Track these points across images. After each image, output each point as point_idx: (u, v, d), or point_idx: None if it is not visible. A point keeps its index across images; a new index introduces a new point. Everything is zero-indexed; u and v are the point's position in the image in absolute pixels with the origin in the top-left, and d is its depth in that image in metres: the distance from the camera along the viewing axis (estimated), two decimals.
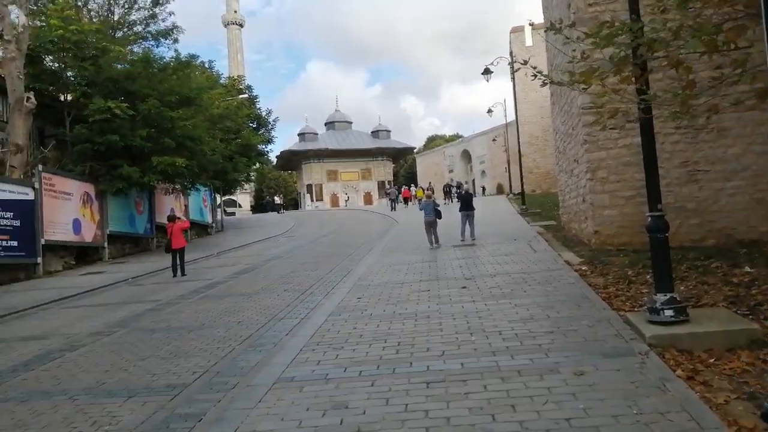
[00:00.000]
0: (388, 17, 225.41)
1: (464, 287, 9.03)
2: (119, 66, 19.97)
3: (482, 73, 27.90)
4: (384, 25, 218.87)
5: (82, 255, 19.23)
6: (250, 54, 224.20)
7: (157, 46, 23.62)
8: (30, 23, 18.50)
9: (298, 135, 72.34)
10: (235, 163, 31.89)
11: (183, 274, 14.30)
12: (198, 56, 23.89)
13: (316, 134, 72.68)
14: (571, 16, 13.45)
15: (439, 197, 29.59)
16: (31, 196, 16.00)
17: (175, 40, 23.56)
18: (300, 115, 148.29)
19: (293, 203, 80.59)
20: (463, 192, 18.57)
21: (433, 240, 15.54)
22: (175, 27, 23.15)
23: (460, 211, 16.68)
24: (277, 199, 60.10)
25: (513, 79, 31.64)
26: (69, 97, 19.98)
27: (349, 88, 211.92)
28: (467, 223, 16.21)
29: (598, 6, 13.03)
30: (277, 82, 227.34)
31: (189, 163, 20.72)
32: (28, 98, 16.33)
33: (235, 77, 38.62)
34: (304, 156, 69.64)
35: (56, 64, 19.55)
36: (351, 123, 78.60)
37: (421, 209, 16.27)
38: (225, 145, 30.66)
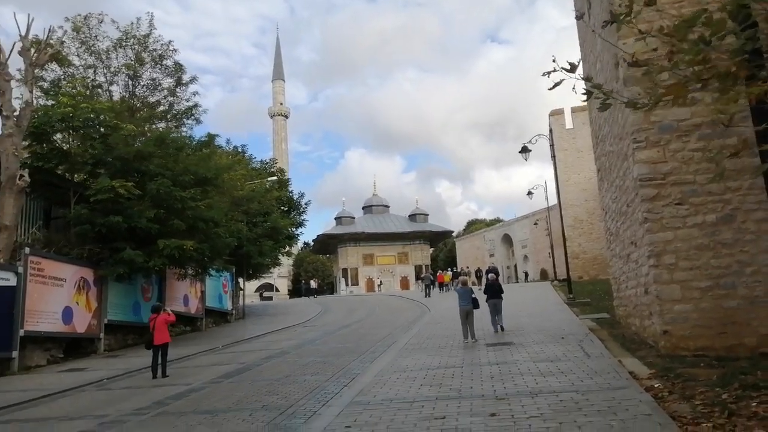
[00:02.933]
0: (419, 106, 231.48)
1: (493, 414, 6.57)
2: (134, 145, 18.92)
3: (520, 152, 26.12)
4: (416, 113, 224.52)
5: (74, 347, 17.39)
6: (295, 145, 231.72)
7: (177, 127, 22.81)
8: (39, 101, 17.87)
9: (335, 219, 71.58)
10: (261, 247, 30.37)
11: (164, 375, 12.14)
12: (218, 135, 23.02)
13: (353, 218, 71.75)
14: (621, 76, 11.53)
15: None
16: (12, 281, 14.45)
17: (197, 120, 22.80)
18: (338, 200, 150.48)
19: (330, 287, 78.60)
20: (489, 279, 16.20)
21: (469, 333, 13.29)
22: (196, 105, 22.46)
23: (487, 301, 14.76)
24: (313, 284, 58.15)
25: (554, 159, 29.69)
26: (78, 177, 18.96)
27: (385, 175, 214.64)
28: (495, 313, 14.69)
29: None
30: (318, 170, 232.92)
31: (200, 246, 19.08)
32: (21, 176, 15.23)
33: (269, 160, 38.16)
34: (340, 239, 68.37)
35: (66, 144, 18.70)
36: (388, 207, 77.66)
37: (457, 296, 14.09)
38: (249, 228, 29.30)
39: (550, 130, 29.73)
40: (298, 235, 38.92)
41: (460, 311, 13.71)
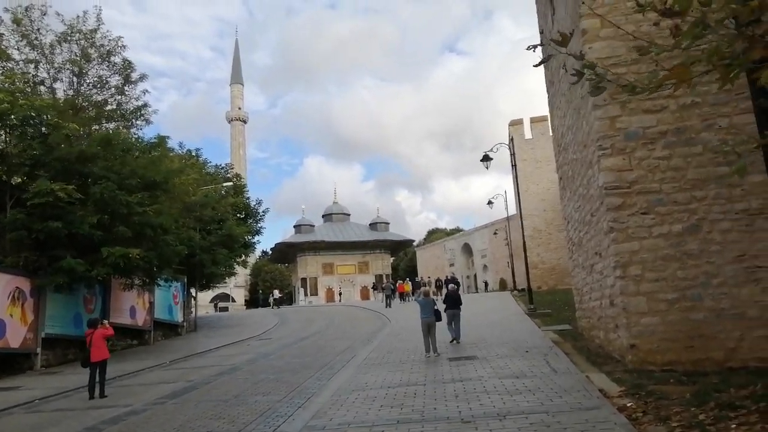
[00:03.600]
0: (377, 114, 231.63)
1: None
2: (77, 146, 17.70)
3: (481, 160, 25.85)
4: (373, 121, 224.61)
5: (7, 363, 16.06)
6: (254, 151, 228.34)
7: (127, 128, 21.53)
8: None
9: (294, 227, 70.44)
10: (215, 255, 29.18)
11: (102, 395, 11.16)
12: (168, 137, 21.91)
13: (313, 226, 70.72)
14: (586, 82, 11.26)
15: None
16: None
17: (147, 121, 21.54)
18: (297, 208, 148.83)
19: (288, 298, 77.09)
20: (449, 290, 15.95)
21: (431, 347, 12.72)
22: (145, 105, 21.18)
23: (445, 311, 14.43)
24: (277, 293, 56.80)
25: (514, 168, 29.64)
26: (15, 180, 17.63)
27: (345, 183, 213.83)
28: (452, 322, 14.45)
29: (619, 68, 10.78)
30: (277, 177, 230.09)
31: (147, 254, 17.99)
32: None
33: (224, 165, 36.98)
34: (299, 248, 67.24)
35: (1, 143, 17.36)
36: (349, 215, 76.95)
37: (419, 307, 13.57)
38: (203, 236, 28.15)
39: (511, 140, 29.71)
40: (254, 243, 37.84)
41: (422, 323, 13.16)
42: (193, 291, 31.27)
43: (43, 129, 17.11)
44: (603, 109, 10.59)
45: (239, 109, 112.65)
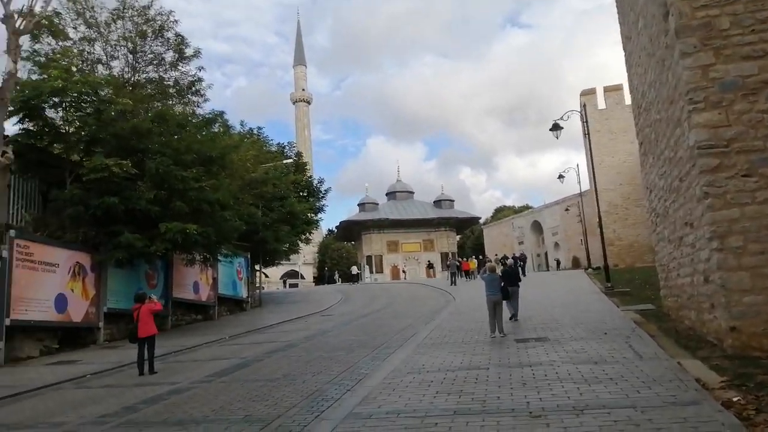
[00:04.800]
0: (437, 91, 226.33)
1: None
2: (131, 121, 17.60)
3: (551, 129, 24.15)
4: (434, 99, 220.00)
5: (71, 337, 16.30)
6: (318, 133, 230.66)
7: (184, 105, 21.31)
8: (34, 76, 16.64)
9: (358, 205, 70.20)
10: (277, 232, 29.03)
11: (151, 372, 10.83)
12: (224, 112, 21.55)
13: (377, 204, 70.19)
14: (671, 27, 9.69)
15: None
16: None
17: (202, 96, 21.21)
18: (361, 188, 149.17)
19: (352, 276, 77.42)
20: (507, 266, 14.90)
21: (497, 327, 11.67)
22: (199, 80, 20.83)
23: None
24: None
25: (587, 136, 27.63)
26: (74, 157, 17.76)
27: (407, 162, 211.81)
28: (510, 299, 13.56)
29: (711, 9, 9.16)
30: (340, 158, 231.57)
31: (205, 230, 17.76)
32: (5, 152, 14.03)
33: (286, 143, 36.81)
34: (364, 226, 66.97)
35: (60, 120, 17.47)
36: (412, 193, 75.87)
37: (483, 285, 12.57)
38: (265, 213, 27.99)
39: (583, 107, 27.60)
40: (317, 220, 37.55)
41: (488, 301, 12.15)
42: (257, 267, 31.33)
43: (97, 105, 17.02)
44: (693, 57, 9.03)
45: (303, 90, 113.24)
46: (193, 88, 20.95)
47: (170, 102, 20.45)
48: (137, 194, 16.64)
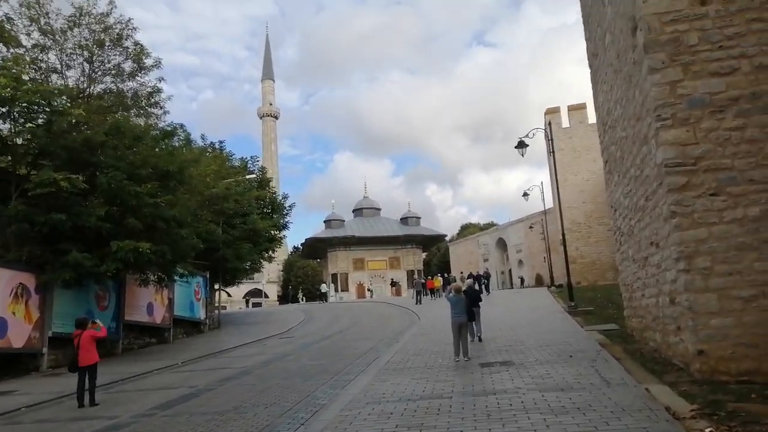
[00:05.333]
0: (404, 108, 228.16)
1: None
2: (84, 134, 16.76)
3: (516, 147, 24.13)
4: (401, 115, 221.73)
5: (10, 364, 15.23)
6: (286, 149, 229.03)
7: (144, 117, 20.50)
8: None
9: (324, 222, 69.51)
10: (238, 250, 28.18)
11: (92, 404, 10.04)
12: (183, 125, 20.90)
13: (343, 221, 69.65)
14: (640, 42, 9.59)
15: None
16: None
17: (162, 108, 20.43)
18: (328, 204, 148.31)
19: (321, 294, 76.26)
20: (467, 286, 14.93)
21: (461, 350, 11.32)
22: (158, 91, 20.04)
23: None
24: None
25: (553, 155, 27.73)
26: (21, 170, 16.80)
27: (375, 178, 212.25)
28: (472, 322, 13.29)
29: (680, 24, 9.09)
30: (307, 174, 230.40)
31: (159, 248, 16.96)
32: None
33: (248, 158, 36.06)
34: (330, 243, 66.31)
35: (6, 131, 16.52)
36: (379, 210, 75.62)
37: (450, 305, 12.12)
38: (225, 230, 27.17)
39: (548, 124, 27.75)
40: (280, 238, 36.74)
41: (452, 323, 11.71)
42: (216, 286, 30.35)
43: (47, 116, 16.17)
44: (661, 73, 8.91)
45: (270, 104, 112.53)
46: (152, 99, 20.15)
47: (128, 114, 19.57)
48: (87, 210, 15.77)
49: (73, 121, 16.35)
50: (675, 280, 8.89)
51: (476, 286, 29.27)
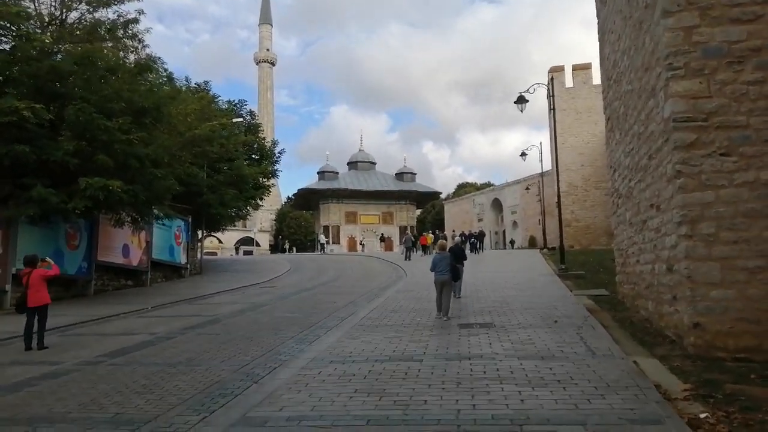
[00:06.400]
0: (403, 62, 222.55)
1: None
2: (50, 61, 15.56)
3: (516, 102, 23.03)
4: (399, 69, 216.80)
5: None
6: (286, 98, 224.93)
7: (118, 49, 19.09)
8: None
9: (318, 173, 68.25)
10: (221, 196, 27.25)
11: (41, 347, 9.34)
12: (160, 58, 19.59)
13: (336, 173, 68.45)
14: None
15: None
16: None
17: (140, 41, 19.07)
18: (323, 155, 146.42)
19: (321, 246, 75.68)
20: (454, 243, 15.50)
21: (442, 309, 10.91)
22: (134, 21, 18.45)
23: None
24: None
25: (553, 114, 26.62)
26: None
27: (371, 133, 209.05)
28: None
29: None
30: (303, 125, 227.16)
31: (131, 188, 16.05)
32: None
33: (237, 101, 34.65)
34: (322, 195, 65.29)
35: None
36: (374, 164, 74.33)
37: (431, 266, 11.60)
38: (209, 174, 26.22)
39: (551, 80, 26.47)
40: (268, 186, 35.77)
41: (435, 281, 11.31)
42: (199, 232, 29.60)
43: (15, 42, 14.96)
44: (676, 17, 7.90)
45: (267, 50, 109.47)
46: (129, 31, 18.73)
47: (102, 45, 18.20)
48: (54, 144, 14.79)
49: (38, 47, 15.10)
50: (675, 246, 8.13)
51: (466, 245, 28.80)
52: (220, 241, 78.95)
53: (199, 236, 30.18)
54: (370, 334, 9.33)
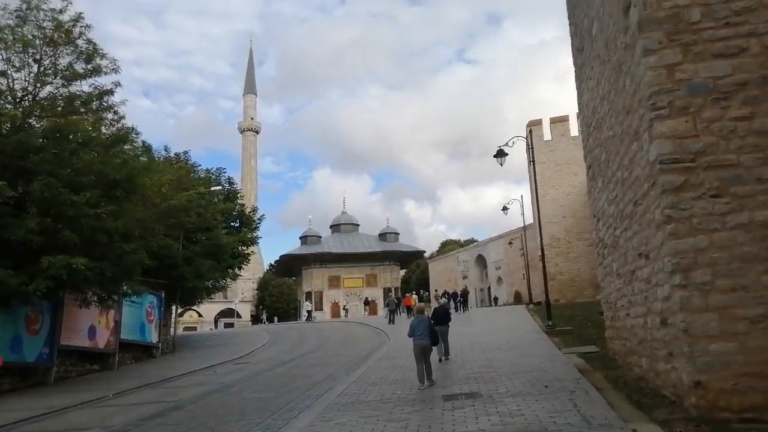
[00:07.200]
0: (382, 123, 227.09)
1: None
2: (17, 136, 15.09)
3: (495, 156, 22.94)
4: (379, 131, 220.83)
5: None
6: (270, 166, 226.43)
7: (95, 124, 18.61)
8: None
9: (300, 238, 67.65)
10: (197, 267, 26.35)
11: None
12: (135, 129, 19.19)
13: (319, 237, 67.90)
14: (633, 22, 8.31)
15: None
16: None
17: (115, 113, 18.69)
18: (306, 220, 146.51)
19: (295, 313, 74.07)
20: (439, 304, 15.50)
21: (425, 375, 10.37)
22: (109, 92, 17.99)
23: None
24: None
25: (533, 167, 26.47)
26: None
27: (353, 195, 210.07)
28: (440, 340, 12.74)
29: None
30: (287, 190, 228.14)
31: (97, 264, 15.24)
32: None
33: (215, 169, 34.31)
34: (305, 261, 64.45)
35: None
36: (357, 226, 74.12)
37: (409, 331, 11.00)
38: (184, 245, 25.41)
39: (529, 134, 26.54)
40: (247, 254, 34.91)
41: (414, 347, 10.66)
42: (174, 307, 28.46)
43: None
44: (657, 55, 7.63)
45: (252, 119, 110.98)
46: (103, 103, 18.31)
47: (75, 117, 17.66)
48: (15, 222, 14.12)
49: (6, 122, 14.65)
50: (668, 297, 7.57)
51: (450, 304, 28.08)
52: (200, 315, 76.83)
53: (174, 311, 28.97)
54: (345, 415, 8.46)
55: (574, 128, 42.25)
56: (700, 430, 6.29)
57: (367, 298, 58.72)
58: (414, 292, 45.31)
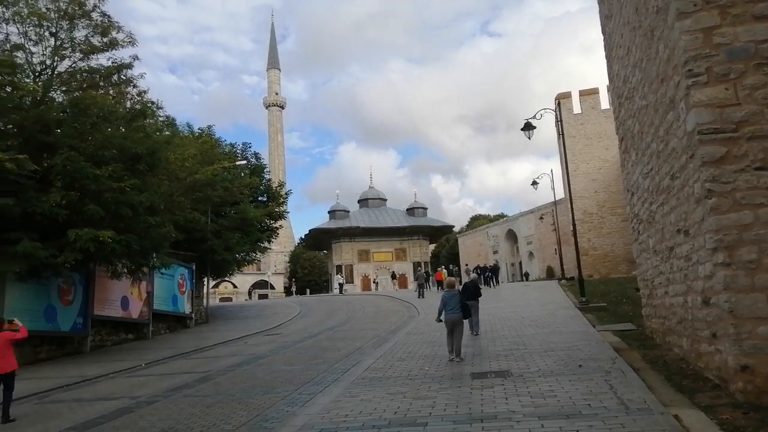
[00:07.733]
0: (406, 98, 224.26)
1: None
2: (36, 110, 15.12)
3: (522, 129, 22.23)
4: (403, 105, 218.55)
5: None
6: (297, 141, 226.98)
7: (111, 96, 18.68)
8: None
9: (328, 212, 67.75)
10: (226, 240, 26.53)
11: (6, 420, 8.43)
12: (158, 103, 19.14)
13: (347, 212, 67.88)
14: None
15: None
16: None
17: (135, 86, 18.72)
18: (334, 195, 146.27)
19: (326, 286, 74.68)
20: (469, 278, 15.26)
21: (455, 349, 10.33)
22: (127, 65, 18.09)
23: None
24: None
25: (563, 140, 25.77)
26: None
27: (380, 170, 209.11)
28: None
29: None
30: (314, 165, 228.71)
31: (123, 237, 15.34)
32: None
33: (241, 143, 34.33)
34: (334, 235, 64.59)
35: None
36: (385, 200, 73.79)
37: (440, 305, 10.90)
38: (213, 219, 25.56)
39: (558, 107, 25.68)
40: (275, 228, 35.05)
41: (445, 321, 10.63)
42: (206, 279, 28.81)
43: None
44: (693, 18, 7.07)
45: (276, 94, 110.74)
46: (122, 75, 18.29)
47: (95, 93, 17.73)
48: (40, 196, 14.20)
49: (25, 96, 14.65)
50: (710, 276, 7.10)
51: (480, 279, 27.69)
52: (235, 286, 78.33)
53: (206, 283, 29.33)
54: (371, 391, 8.30)
55: (604, 101, 40.88)
56: (748, 418, 5.89)
57: (394, 272, 58.72)
58: (443, 267, 45.01)
